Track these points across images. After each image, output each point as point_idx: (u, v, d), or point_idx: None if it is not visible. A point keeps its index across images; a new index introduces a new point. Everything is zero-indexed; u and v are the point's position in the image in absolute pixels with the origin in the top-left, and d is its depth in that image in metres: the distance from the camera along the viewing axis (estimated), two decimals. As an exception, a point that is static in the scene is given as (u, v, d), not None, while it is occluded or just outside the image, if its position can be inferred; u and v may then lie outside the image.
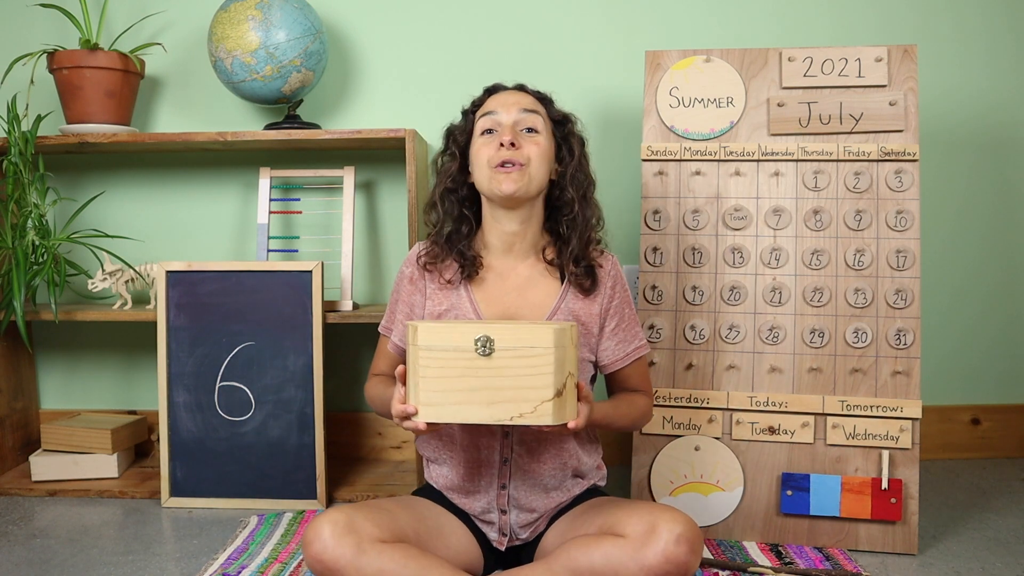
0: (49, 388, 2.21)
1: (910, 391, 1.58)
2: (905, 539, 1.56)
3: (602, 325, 1.39)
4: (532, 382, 1.13)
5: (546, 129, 1.36)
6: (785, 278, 1.64)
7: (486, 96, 1.40)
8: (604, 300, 1.39)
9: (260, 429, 1.82)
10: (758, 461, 1.61)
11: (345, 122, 2.13)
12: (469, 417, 1.15)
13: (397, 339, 1.44)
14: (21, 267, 1.81)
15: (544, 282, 1.38)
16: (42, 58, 1.94)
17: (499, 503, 1.35)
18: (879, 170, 1.62)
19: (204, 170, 2.14)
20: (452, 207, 1.39)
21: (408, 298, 1.41)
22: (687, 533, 1.15)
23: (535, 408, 1.13)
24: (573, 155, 1.37)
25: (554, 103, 1.41)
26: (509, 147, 1.30)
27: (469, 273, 1.37)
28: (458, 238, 1.38)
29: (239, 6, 1.86)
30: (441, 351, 1.14)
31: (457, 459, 1.36)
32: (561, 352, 1.14)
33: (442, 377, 1.14)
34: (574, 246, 1.35)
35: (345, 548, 1.15)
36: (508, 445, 1.34)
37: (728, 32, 2.07)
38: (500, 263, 1.39)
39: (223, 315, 1.82)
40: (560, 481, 1.36)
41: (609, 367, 1.41)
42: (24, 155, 1.83)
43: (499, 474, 1.34)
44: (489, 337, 1.13)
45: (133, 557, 1.55)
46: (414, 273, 1.41)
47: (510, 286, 1.38)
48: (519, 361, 1.13)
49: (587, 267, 1.37)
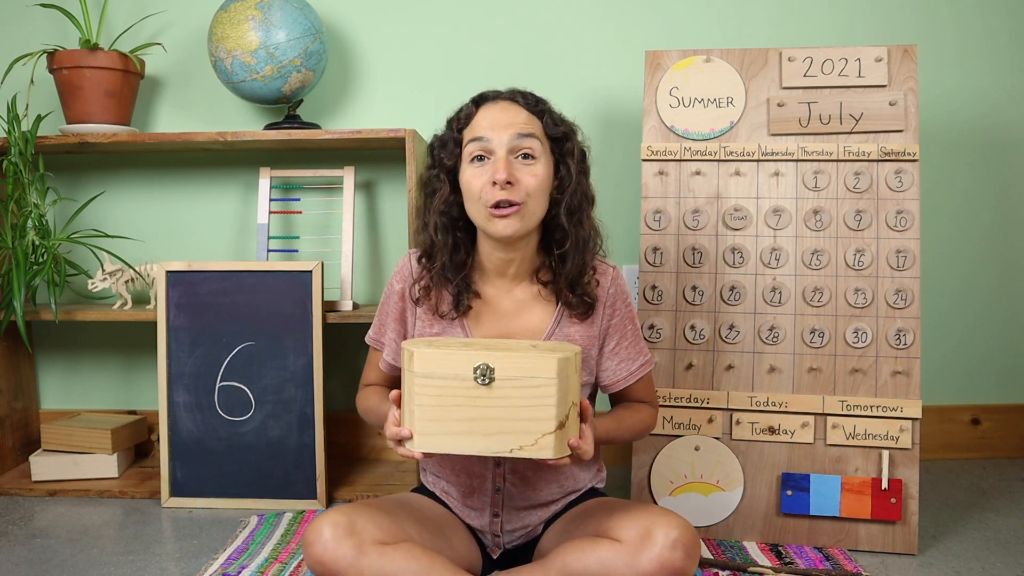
0: (49, 388, 2.21)
1: (910, 391, 1.58)
2: (905, 539, 1.56)
3: (601, 346, 1.34)
4: (533, 413, 1.08)
5: (544, 150, 1.24)
6: (785, 278, 1.63)
7: (474, 108, 1.27)
8: (602, 320, 1.32)
9: (260, 429, 1.82)
10: (758, 461, 1.61)
11: (345, 122, 2.13)
12: (466, 448, 1.10)
13: (390, 358, 1.39)
14: (21, 267, 1.81)
15: (538, 306, 1.31)
16: (42, 58, 1.94)
17: (491, 528, 1.35)
18: (879, 170, 1.62)
19: (204, 170, 2.14)
20: (446, 232, 1.28)
21: (399, 315, 1.36)
22: (683, 538, 1.14)
23: (536, 441, 1.09)
24: (571, 176, 1.25)
25: (550, 112, 1.28)
26: (504, 186, 1.19)
27: (464, 309, 1.29)
28: (453, 269, 1.28)
29: (239, 6, 1.86)
30: (439, 379, 1.09)
31: (451, 481, 1.35)
32: (564, 383, 1.09)
33: (439, 406, 1.09)
34: (568, 271, 1.27)
35: (346, 550, 1.14)
36: (500, 475, 1.32)
37: (728, 32, 2.07)
38: (493, 287, 1.32)
39: (223, 315, 1.82)
40: (554, 498, 1.35)
41: (612, 387, 1.36)
42: (24, 155, 1.83)
43: (491, 502, 1.33)
44: (489, 366, 1.08)
45: (133, 557, 1.55)
46: (405, 290, 1.35)
47: (504, 311, 1.32)
48: (520, 392, 1.08)
49: (582, 295, 1.28)
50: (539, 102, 1.28)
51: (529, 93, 1.29)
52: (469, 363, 1.09)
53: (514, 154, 1.22)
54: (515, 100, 1.26)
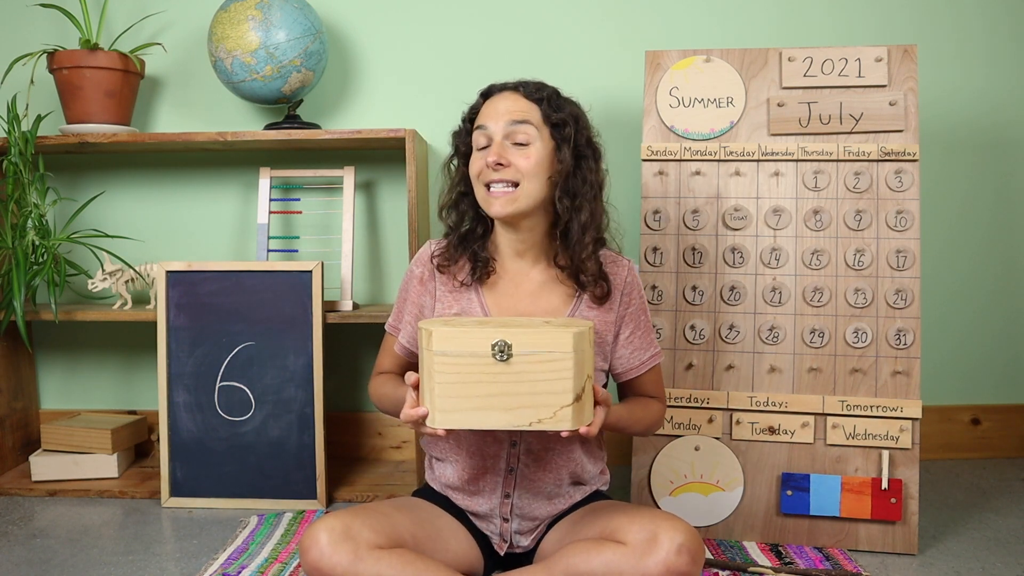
0: (49, 388, 2.21)
1: (910, 391, 1.58)
2: (905, 539, 1.56)
3: (616, 333, 1.37)
4: (551, 387, 1.11)
5: (541, 135, 1.30)
6: (785, 278, 1.63)
7: (481, 100, 1.36)
8: (619, 307, 1.37)
9: (260, 429, 1.82)
10: (758, 461, 1.61)
11: (345, 122, 2.13)
12: (487, 423, 1.12)
13: (405, 341, 1.42)
14: (21, 267, 1.81)
15: (558, 289, 1.36)
16: (42, 58, 1.94)
17: (502, 511, 1.35)
18: (879, 170, 1.62)
19: (204, 170, 2.14)
20: (467, 209, 1.37)
21: (417, 299, 1.39)
22: (688, 543, 1.15)
23: (554, 413, 1.11)
24: (566, 160, 1.30)
25: (551, 99, 1.32)
26: (495, 167, 1.27)
27: (481, 275, 1.35)
28: (473, 238, 1.37)
29: (239, 6, 1.86)
30: (457, 357, 1.11)
31: (463, 463, 1.35)
32: (580, 356, 1.12)
33: (459, 383, 1.11)
34: (571, 253, 1.32)
35: (342, 555, 1.15)
36: (515, 455, 1.32)
37: (728, 32, 2.07)
38: (513, 267, 1.37)
39: (223, 315, 1.82)
40: (562, 488, 1.35)
41: (624, 375, 1.40)
42: (24, 155, 1.83)
43: (504, 483, 1.33)
44: (507, 342, 1.10)
45: (133, 557, 1.55)
46: (424, 273, 1.39)
47: (523, 291, 1.36)
48: (538, 366, 1.11)
49: (594, 277, 1.33)
50: (540, 89, 1.33)
51: (533, 82, 1.35)
52: (487, 340, 1.11)
53: (509, 139, 1.29)
54: (517, 90, 1.33)
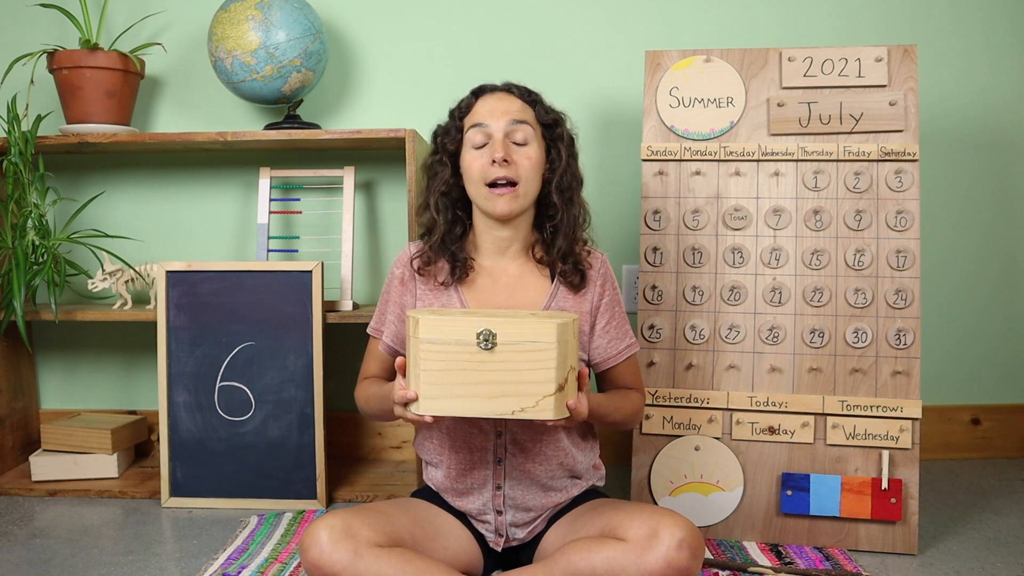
0: (49, 388, 2.21)
1: (910, 391, 1.58)
2: (905, 539, 1.56)
3: (593, 323, 1.40)
4: (534, 376, 1.13)
5: (536, 136, 1.36)
6: (785, 278, 1.63)
7: (473, 99, 1.39)
8: (594, 297, 1.40)
9: (260, 429, 1.82)
10: (758, 461, 1.61)
11: (345, 122, 2.13)
12: (470, 411, 1.15)
13: (389, 340, 1.43)
14: (21, 267, 1.81)
15: (535, 280, 1.39)
16: (42, 58, 1.94)
17: (495, 504, 1.35)
18: (879, 170, 1.62)
19: (204, 170, 2.14)
20: (446, 210, 1.39)
21: (399, 299, 1.42)
22: (689, 539, 1.15)
23: (537, 403, 1.14)
24: (561, 158, 1.37)
25: (542, 102, 1.40)
26: (502, 163, 1.30)
27: (460, 275, 1.37)
28: (451, 240, 1.39)
29: (239, 6, 1.86)
30: (443, 344, 1.14)
31: (451, 461, 1.36)
32: (564, 347, 1.14)
33: (443, 370, 1.14)
34: (561, 245, 1.36)
35: (342, 553, 1.16)
36: (501, 445, 1.34)
37: (728, 32, 2.07)
38: (491, 264, 1.40)
39: (223, 315, 1.82)
40: (556, 480, 1.35)
41: (601, 364, 1.42)
42: (24, 155, 1.83)
43: (493, 474, 1.34)
44: (491, 331, 1.13)
45: (133, 557, 1.55)
46: (404, 274, 1.41)
47: (501, 285, 1.39)
48: (521, 356, 1.13)
49: (575, 264, 1.37)
50: (531, 93, 1.40)
51: (522, 86, 1.41)
52: (472, 329, 1.14)
53: (510, 138, 1.34)
54: (510, 91, 1.39)
